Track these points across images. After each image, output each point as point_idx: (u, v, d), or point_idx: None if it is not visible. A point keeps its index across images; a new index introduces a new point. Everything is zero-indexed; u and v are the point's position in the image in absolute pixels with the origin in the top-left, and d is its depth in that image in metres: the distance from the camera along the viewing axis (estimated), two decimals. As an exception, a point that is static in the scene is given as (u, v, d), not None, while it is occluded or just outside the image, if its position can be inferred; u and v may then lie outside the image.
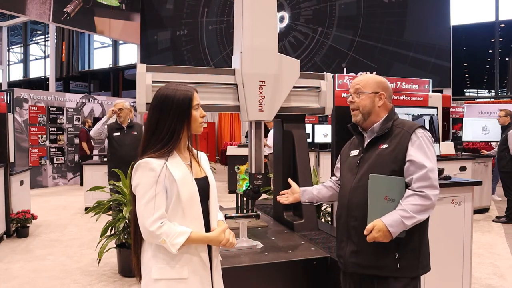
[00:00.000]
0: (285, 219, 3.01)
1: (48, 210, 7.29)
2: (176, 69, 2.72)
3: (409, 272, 1.78)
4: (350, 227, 1.87)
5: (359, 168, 1.90)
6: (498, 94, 11.64)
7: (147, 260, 1.64)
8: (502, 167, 6.30)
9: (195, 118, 1.69)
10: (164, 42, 15.06)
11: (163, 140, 1.62)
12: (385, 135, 1.87)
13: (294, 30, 12.63)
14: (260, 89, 2.65)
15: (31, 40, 22.73)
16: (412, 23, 10.84)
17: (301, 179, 2.87)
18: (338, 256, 1.97)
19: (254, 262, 2.21)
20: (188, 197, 1.61)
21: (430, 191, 1.71)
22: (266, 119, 2.73)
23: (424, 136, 1.81)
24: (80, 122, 10.95)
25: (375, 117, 1.92)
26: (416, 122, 1.98)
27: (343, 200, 1.95)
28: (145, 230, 1.56)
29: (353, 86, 1.97)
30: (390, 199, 1.75)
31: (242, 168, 2.68)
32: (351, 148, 2.05)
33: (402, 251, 1.77)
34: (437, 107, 3.87)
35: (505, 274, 4.06)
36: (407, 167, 1.76)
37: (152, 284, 1.60)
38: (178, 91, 1.67)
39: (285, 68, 2.75)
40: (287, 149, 3.04)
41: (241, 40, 2.66)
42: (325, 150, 8.97)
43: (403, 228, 1.70)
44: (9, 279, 3.97)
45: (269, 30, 2.68)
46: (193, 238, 1.58)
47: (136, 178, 1.60)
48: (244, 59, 2.63)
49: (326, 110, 2.99)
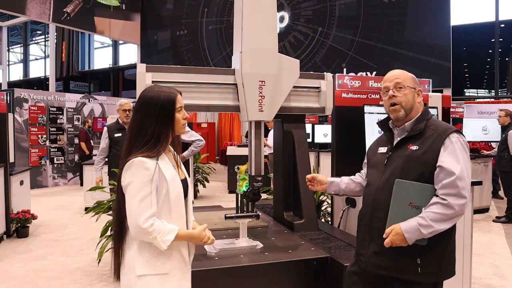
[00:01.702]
0: (285, 219, 3.01)
1: (48, 210, 7.29)
2: (175, 69, 2.71)
3: (431, 278, 1.74)
4: (373, 227, 1.83)
5: (386, 167, 1.85)
6: (498, 94, 11.64)
7: (130, 258, 1.66)
8: (502, 167, 6.29)
9: (178, 120, 1.73)
10: (164, 42, 15.05)
11: (149, 142, 1.66)
12: (417, 136, 1.80)
13: (294, 30, 12.62)
14: (260, 89, 2.64)
15: (31, 40, 22.74)
16: (412, 23, 10.83)
17: (301, 179, 2.86)
18: (358, 254, 1.92)
19: (254, 262, 2.21)
20: (175, 197, 1.68)
21: (454, 200, 1.64)
22: (266, 119, 2.72)
23: (458, 142, 1.73)
24: (80, 122, 10.95)
25: (415, 114, 1.86)
26: (446, 123, 1.89)
27: (368, 199, 1.90)
28: (137, 228, 1.59)
29: (392, 80, 1.87)
30: (415, 206, 1.70)
31: (242, 168, 2.68)
32: (380, 145, 1.99)
33: (425, 257, 1.72)
34: (437, 107, 3.86)
35: (505, 274, 4.06)
36: (437, 172, 1.70)
37: (136, 281, 1.63)
38: (162, 93, 1.71)
39: (285, 68, 2.74)
40: (287, 149, 3.03)
41: (241, 40, 2.66)
42: (325, 150, 8.98)
43: (420, 236, 1.66)
44: (9, 279, 3.97)
45: (269, 30, 2.68)
46: (180, 235, 1.65)
47: (129, 176, 1.62)
48: (244, 59, 2.63)
49: (326, 110, 2.98)
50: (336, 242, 2.56)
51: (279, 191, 3.15)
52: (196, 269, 2.05)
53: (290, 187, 3.05)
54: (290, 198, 3.07)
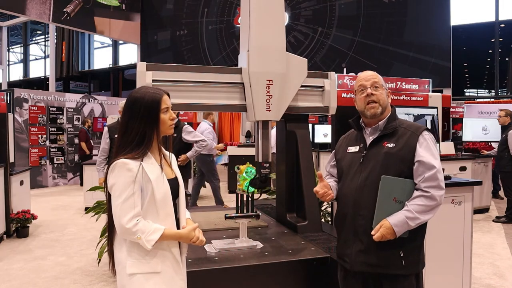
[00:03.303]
0: (288, 220, 2.95)
1: (48, 210, 7.29)
2: (176, 67, 2.63)
3: (413, 269, 1.83)
4: (357, 226, 1.86)
5: (363, 165, 1.89)
6: (498, 94, 11.64)
7: (121, 257, 1.70)
8: (502, 167, 6.29)
9: (164, 121, 1.74)
10: (164, 42, 15.05)
11: (133, 142, 1.69)
12: (390, 134, 1.89)
13: (294, 30, 12.62)
14: (268, 88, 2.58)
15: (31, 40, 22.72)
16: (412, 23, 10.84)
17: (304, 179, 2.83)
18: (342, 255, 1.94)
19: (254, 262, 2.21)
20: (162, 197, 1.69)
21: (436, 191, 1.76)
22: (273, 119, 2.65)
23: (430, 139, 1.86)
24: (80, 122, 10.95)
25: (387, 113, 1.95)
26: (416, 122, 2.03)
27: (347, 199, 1.92)
28: (121, 228, 1.62)
29: (369, 79, 1.95)
30: (398, 201, 1.79)
31: (242, 168, 2.66)
32: (349, 145, 2.03)
33: (407, 249, 1.81)
34: (437, 107, 3.86)
35: (505, 274, 4.06)
36: (416, 167, 1.80)
37: (128, 279, 1.66)
38: (147, 94, 1.73)
39: (292, 67, 2.69)
40: (290, 149, 2.97)
41: (248, 39, 2.60)
42: (325, 150, 8.96)
43: (407, 228, 1.75)
44: (9, 279, 3.97)
45: (276, 28, 2.62)
46: (166, 234, 1.67)
47: (113, 177, 1.66)
48: (251, 57, 2.56)
49: (330, 109, 2.90)
50: (336, 242, 2.55)
51: (281, 192, 3.09)
52: (196, 269, 2.05)
53: (293, 188, 2.99)
54: (293, 199, 3.00)
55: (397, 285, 1.81)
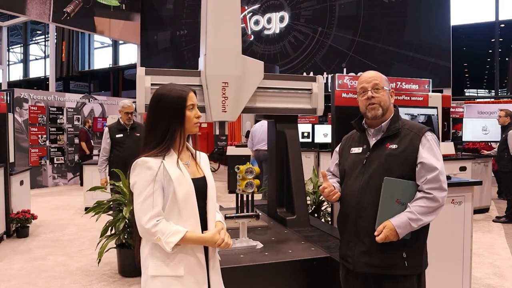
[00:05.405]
0: (278, 215, 3.12)
1: (48, 210, 7.29)
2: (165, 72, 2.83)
3: (416, 270, 1.83)
4: (360, 227, 1.86)
5: (366, 167, 1.88)
6: (498, 94, 11.63)
7: (145, 257, 1.66)
8: (502, 167, 6.29)
9: (189, 118, 1.70)
10: (164, 42, 15.05)
11: (157, 139, 1.65)
12: (394, 135, 1.88)
13: (294, 30, 12.62)
14: (223, 90, 2.74)
15: (31, 40, 22.71)
16: (412, 23, 10.83)
17: (293, 176, 2.99)
18: (345, 256, 1.94)
19: (254, 262, 2.21)
20: (184, 196, 1.61)
21: (438, 193, 1.75)
22: (229, 120, 2.82)
23: (432, 139, 1.85)
24: (80, 122, 10.95)
25: (389, 114, 1.94)
26: (418, 123, 2.02)
27: (350, 200, 1.91)
28: (141, 227, 1.58)
29: (370, 81, 1.93)
30: (401, 203, 1.79)
31: (242, 168, 2.67)
32: (352, 145, 2.02)
33: (409, 250, 1.81)
34: (437, 107, 3.86)
35: (505, 274, 4.06)
36: (419, 169, 1.79)
37: (150, 281, 1.63)
38: (173, 90, 1.69)
39: (249, 70, 2.84)
40: (280, 148, 3.14)
41: (205, 42, 2.73)
42: (325, 150, 8.98)
43: (410, 230, 1.75)
44: (9, 279, 3.97)
45: (232, 32, 2.76)
46: (188, 238, 1.59)
47: (134, 176, 1.63)
48: (207, 61, 2.71)
49: (318, 111, 3.11)
50: (336, 241, 2.56)
51: (272, 188, 3.27)
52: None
53: (283, 184, 3.16)
54: (283, 195, 3.18)
55: (398, 285, 1.80)
